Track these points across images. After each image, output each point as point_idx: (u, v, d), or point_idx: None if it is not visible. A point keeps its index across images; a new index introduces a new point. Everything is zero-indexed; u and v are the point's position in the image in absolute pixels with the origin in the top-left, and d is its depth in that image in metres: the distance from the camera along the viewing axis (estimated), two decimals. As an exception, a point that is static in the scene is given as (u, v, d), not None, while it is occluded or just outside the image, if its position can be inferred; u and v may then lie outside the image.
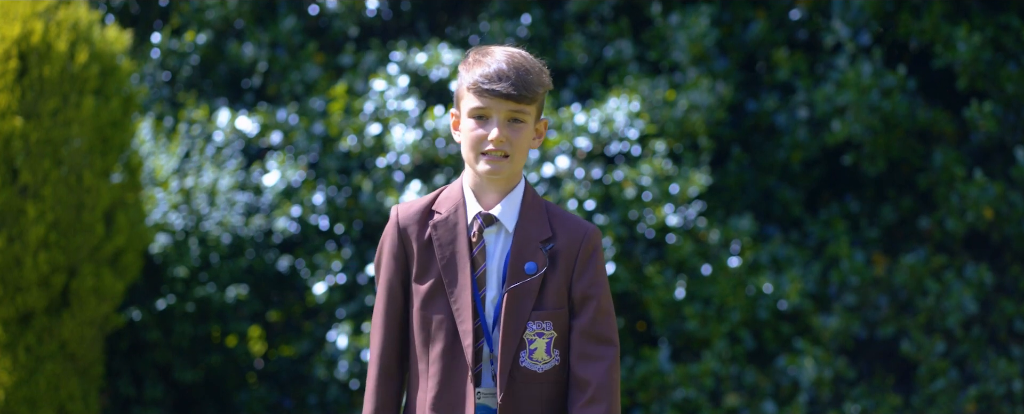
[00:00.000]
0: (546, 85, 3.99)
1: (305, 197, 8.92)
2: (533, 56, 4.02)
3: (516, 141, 3.94)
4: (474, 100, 3.95)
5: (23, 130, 7.76)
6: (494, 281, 3.97)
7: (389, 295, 4.03)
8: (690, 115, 8.76)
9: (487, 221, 3.99)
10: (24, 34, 7.84)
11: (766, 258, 8.73)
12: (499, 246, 3.99)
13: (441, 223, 4.00)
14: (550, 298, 3.96)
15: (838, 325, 8.66)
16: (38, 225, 7.75)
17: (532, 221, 4.00)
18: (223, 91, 9.73)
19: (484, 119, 3.95)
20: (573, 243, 3.99)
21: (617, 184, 8.54)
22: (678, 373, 8.50)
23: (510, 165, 3.96)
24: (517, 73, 3.93)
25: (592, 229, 4.02)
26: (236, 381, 8.93)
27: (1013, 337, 8.87)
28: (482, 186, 4.01)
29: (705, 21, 8.90)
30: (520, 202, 4.01)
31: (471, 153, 3.97)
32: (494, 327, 3.96)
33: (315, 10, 9.67)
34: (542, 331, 3.94)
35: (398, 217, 4.04)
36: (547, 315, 3.95)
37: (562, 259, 3.98)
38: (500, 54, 3.98)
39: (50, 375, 7.88)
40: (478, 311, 3.96)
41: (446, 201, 4.03)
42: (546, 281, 3.96)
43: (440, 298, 3.97)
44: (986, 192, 8.68)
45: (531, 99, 3.95)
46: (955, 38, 8.79)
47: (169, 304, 8.63)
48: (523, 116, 3.96)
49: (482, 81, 3.93)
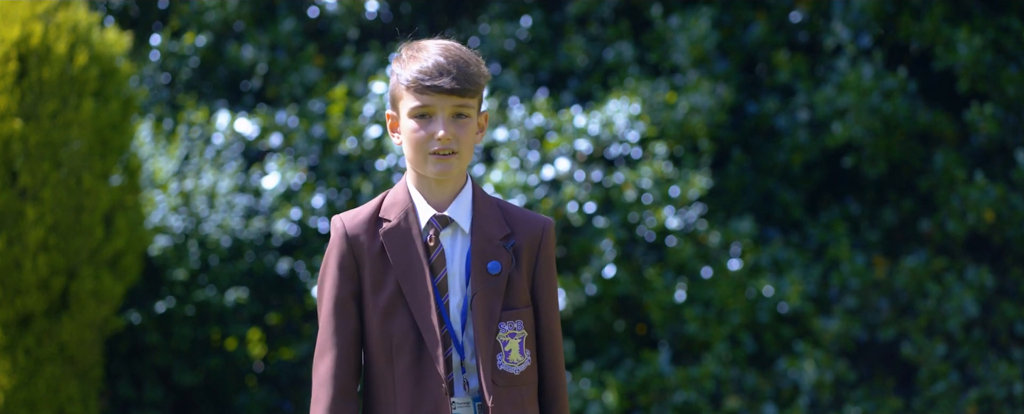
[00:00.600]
0: (486, 75, 3.81)
1: (305, 199, 8.91)
2: (466, 47, 3.84)
3: (463, 137, 3.77)
4: (414, 99, 3.76)
5: (22, 132, 7.75)
6: (457, 285, 3.80)
7: (340, 311, 3.78)
8: (691, 117, 8.75)
9: (442, 223, 3.81)
10: (23, 36, 7.83)
11: (766, 261, 8.72)
12: (458, 248, 3.81)
13: (392, 231, 3.80)
14: (516, 296, 3.81)
15: (839, 328, 8.65)
16: (37, 227, 7.73)
17: (487, 219, 3.83)
18: (223, 93, 9.72)
19: (427, 118, 3.76)
20: (532, 237, 3.84)
21: (617, 187, 8.53)
22: (678, 376, 8.49)
23: (459, 162, 3.78)
24: (457, 66, 3.75)
25: (548, 222, 3.88)
26: (236, 384, 8.92)
27: (1014, 340, 8.86)
28: (430, 188, 3.82)
29: (705, 23, 8.89)
30: (471, 200, 3.84)
31: (417, 154, 3.78)
32: (462, 333, 3.78)
33: (315, 12, 9.66)
34: (514, 331, 3.81)
35: (345, 227, 3.81)
36: (517, 314, 3.81)
37: (524, 255, 3.82)
38: (435, 48, 3.79)
39: (49, 378, 7.87)
40: (443, 317, 3.77)
41: (393, 207, 3.82)
42: (511, 279, 3.81)
43: (400, 310, 3.76)
44: (987, 194, 8.67)
45: (474, 92, 3.77)
46: (956, 40, 8.78)
47: (169, 307, 8.62)
48: (467, 110, 3.78)
49: (422, 78, 3.73)
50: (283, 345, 9.02)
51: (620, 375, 8.53)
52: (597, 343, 8.75)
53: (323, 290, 3.81)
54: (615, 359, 8.74)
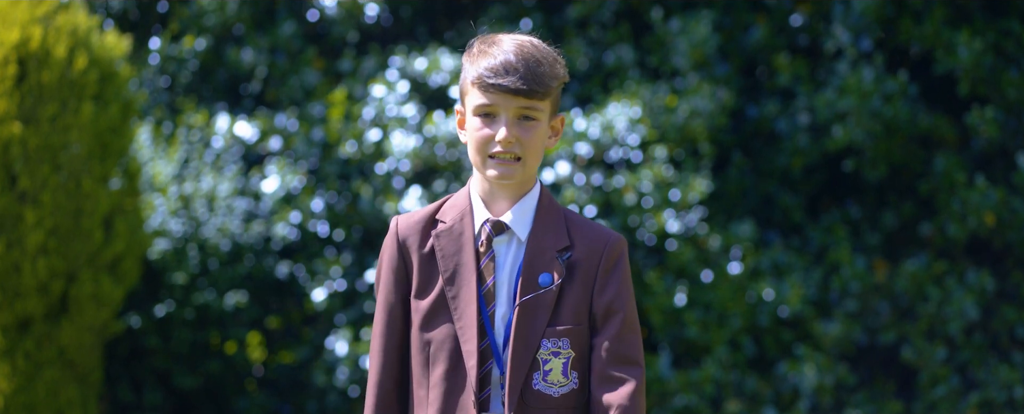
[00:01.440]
0: (561, 77, 3.56)
1: (304, 203, 8.90)
2: (546, 45, 3.60)
3: (528, 141, 3.52)
4: (479, 96, 3.53)
5: (22, 136, 7.75)
6: (504, 296, 3.54)
7: (388, 314, 3.61)
8: (691, 121, 8.74)
9: (497, 229, 3.57)
10: (23, 39, 7.83)
11: (767, 264, 8.71)
12: (510, 257, 3.56)
13: (445, 232, 3.58)
14: (567, 313, 3.52)
15: (839, 331, 8.64)
16: (37, 231, 7.73)
17: (548, 229, 3.57)
18: (222, 96, 9.71)
19: (491, 117, 3.53)
20: (594, 253, 3.56)
21: (617, 191, 8.52)
22: (679, 380, 8.48)
23: (522, 168, 3.54)
24: (527, 65, 3.51)
25: (615, 237, 3.58)
26: (235, 388, 8.91)
27: (1015, 343, 8.85)
28: (491, 192, 3.59)
29: (706, 26, 8.88)
30: (535, 208, 3.59)
31: (478, 156, 3.55)
32: (504, 347, 3.52)
33: (314, 16, 9.65)
34: (558, 350, 3.51)
35: (397, 228, 3.62)
36: (563, 332, 3.51)
37: (581, 270, 3.54)
38: (508, 43, 3.55)
39: (49, 381, 7.86)
40: (486, 329, 3.53)
41: (452, 209, 3.62)
42: (563, 294, 3.53)
43: (442, 315, 3.54)
44: (987, 198, 8.66)
45: (543, 94, 3.52)
46: (956, 43, 8.77)
47: (168, 311, 8.62)
48: (535, 113, 3.53)
49: (487, 75, 3.51)
50: (283, 349, 9.01)
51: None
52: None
53: (378, 293, 3.66)
54: (615, 363, 8.71)
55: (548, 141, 3.57)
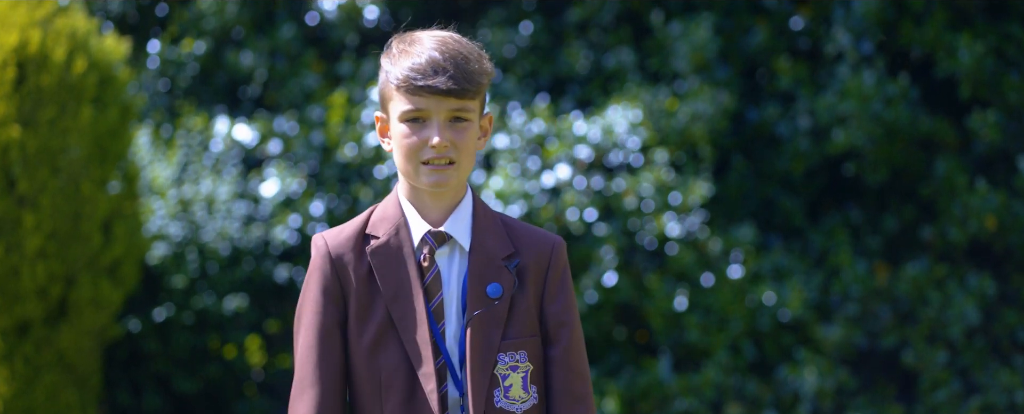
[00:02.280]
0: (489, 72, 3.35)
1: (303, 207, 8.89)
2: (467, 39, 3.39)
3: (461, 144, 3.29)
4: (405, 101, 3.28)
5: (21, 139, 7.73)
6: (454, 311, 3.31)
7: (323, 342, 3.28)
8: (692, 124, 8.73)
9: (439, 240, 3.32)
10: (22, 43, 7.81)
11: (767, 268, 8.70)
12: (455, 269, 3.33)
13: (381, 249, 3.30)
14: (520, 324, 3.31)
15: (840, 335, 8.63)
16: (36, 235, 7.71)
17: (489, 236, 3.34)
18: (222, 99, 9.70)
19: (420, 122, 3.28)
20: (540, 258, 3.35)
21: (617, 195, 8.51)
22: (679, 383, 8.47)
23: (457, 173, 3.30)
24: (455, 63, 3.28)
25: (558, 241, 3.39)
26: (235, 392, 8.90)
27: (1016, 347, 8.84)
28: (424, 200, 3.34)
29: (706, 29, 8.87)
30: (471, 215, 3.36)
31: (408, 163, 3.29)
32: (461, 366, 3.29)
33: (314, 19, 9.63)
34: (516, 364, 3.30)
35: (327, 246, 3.32)
36: (519, 344, 3.31)
37: (530, 277, 3.34)
38: (429, 41, 3.32)
39: (48, 385, 7.85)
40: (440, 348, 3.29)
41: (382, 222, 3.34)
42: (514, 304, 3.32)
43: (391, 340, 3.28)
44: (988, 201, 8.65)
45: (474, 92, 3.30)
46: (957, 47, 8.76)
47: (168, 315, 8.61)
48: (466, 114, 3.30)
49: (414, 76, 3.26)
50: (282, 353, 9.00)
51: (621, 383, 8.51)
52: (598, 351, 8.73)
53: (302, 318, 3.33)
54: (616, 367, 8.71)
55: (478, 142, 3.35)
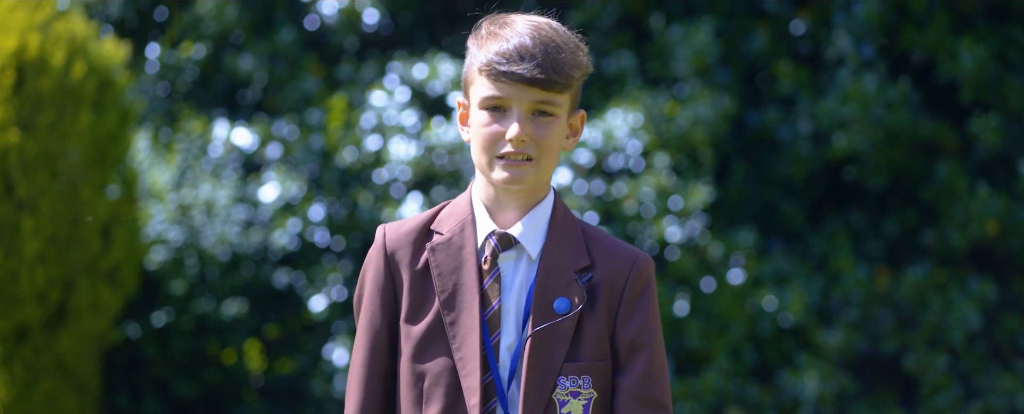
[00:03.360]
0: (584, 67, 3.05)
1: (303, 211, 8.87)
2: (567, 29, 3.09)
3: (543, 140, 3.00)
4: (488, 86, 3.01)
5: (20, 143, 7.72)
6: (511, 323, 3.02)
7: (371, 341, 3.08)
8: (693, 128, 8.71)
9: (504, 243, 3.05)
10: (21, 47, 7.81)
11: (768, 272, 8.68)
12: (519, 277, 3.04)
13: (441, 246, 3.05)
14: (588, 346, 3.00)
15: (841, 340, 8.61)
16: (35, 239, 7.70)
17: (564, 245, 3.05)
18: (221, 103, 9.68)
19: (501, 111, 3.01)
20: (618, 274, 3.03)
21: (617, 200, 8.49)
22: (680, 388, 8.46)
23: (535, 171, 3.01)
24: (545, 50, 2.99)
25: (643, 257, 3.08)
26: (234, 397, 8.88)
27: (1017, 352, 8.83)
28: (498, 199, 3.06)
29: (707, 33, 8.85)
30: (548, 220, 3.07)
31: (484, 155, 3.02)
32: (510, 383, 3.01)
33: (313, 22, 9.62)
34: (578, 390, 2.99)
35: (385, 239, 3.09)
36: (584, 368, 3.00)
37: (603, 295, 3.02)
38: (522, 25, 3.04)
39: (47, 390, 7.84)
40: (489, 362, 3.01)
41: (450, 218, 3.09)
42: (583, 323, 3.00)
43: (438, 344, 3.02)
44: (990, 206, 8.64)
45: (563, 85, 3.01)
46: (958, 50, 8.75)
47: (167, 320, 8.59)
48: (552, 108, 3.01)
49: (498, 60, 2.99)
50: (282, 358, 8.98)
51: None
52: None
53: (357, 311, 3.13)
54: (616, 371, 8.69)
55: (565, 142, 3.07)
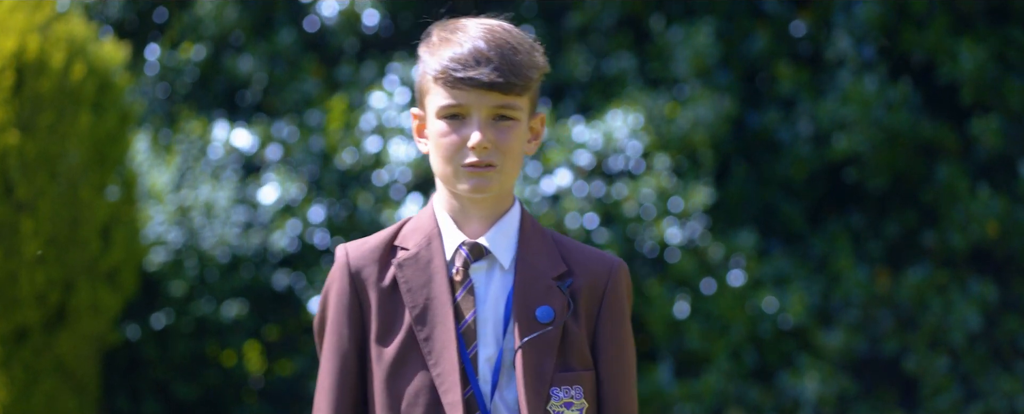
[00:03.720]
0: (541, 67, 2.97)
1: (303, 212, 8.86)
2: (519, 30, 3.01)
3: (506, 145, 2.93)
4: (445, 94, 2.92)
5: (19, 144, 7.72)
6: (489, 334, 2.94)
7: (340, 365, 2.96)
8: (693, 130, 8.71)
9: (475, 253, 2.97)
10: (20, 48, 7.80)
11: (768, 274, 8.67)
12: (493, 287, 2.96)
13: (409, 261, 2.96)
14: (575, 355, 2.93)
15: (841, 341, 8.61)
16: (34, 240, 7.70)
17: (538, 252, 2.98)
18: (221, 104, 9.68)
19: (460, 119, 2.93)
20: (597, 281, 2.98)
21: (617, 202, 8.49)
22: (680, 390, 8.46)
23: (499, 178, 2.94)
24: (501, 53, 2.91)
25: (619, 263, 3.03)
26: (234, 398, 8.88)
27: (1017, 353, 8.82)
28: (463, 210, 2.99)
29: (707, 34, 8.84)
30: (517, 228, 2.99)
31: (446, 166, 2.94)
32: (492, 396, 2.92)
33: (313, 23, 9.61)
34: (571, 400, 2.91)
35: (348, 258, 2.99)
36: (576, 378, 2.93)
37: (582, 302, 2.96)
38: (475, 28, 2.95)
39: (47, 392, 7.84)
40: (469, 376, 2.91)
41: (414, 233, 3.00)
42: (568, 331, 2.94)
43: (413, 362, 2.92)
44: (990, 207, 8.64)
45: (523, 87, 2.93)
46: (959, 51, 8.74)
47: (168, 322, 8.59)
48: (513, 112, 2.94)
49: (454, 67, 2.90)
50: (281, 359, 8.97)
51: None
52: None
53: (320, 336, 3.02)
54: (616, 373, 8.68)
55: (527, 146, 2.99)
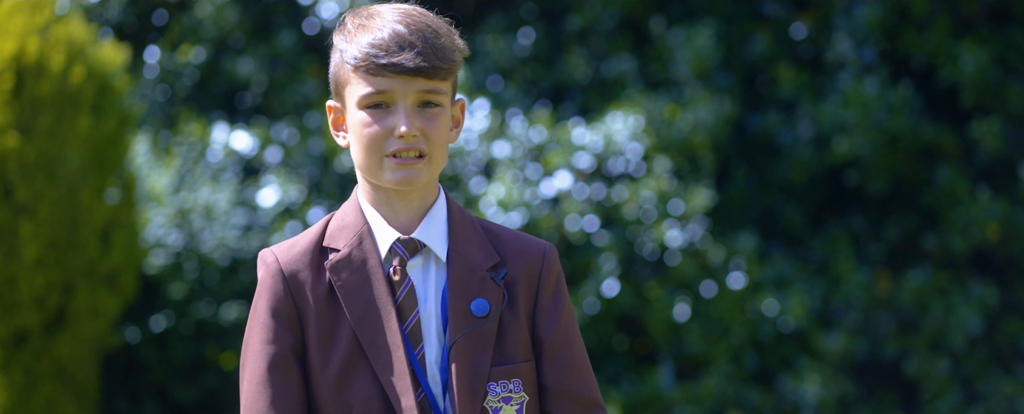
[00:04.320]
0: (462, 50, 2.84)
1: (302, 215, 8.85)
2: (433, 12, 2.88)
3: (433, 133, 2.79)
4: (365, 83, 2.77)
5: (18, 147, 7.71)
6: (433, 333, 2.82)
7: (275, 374, 2.79)
8: (693, 132, 8.70)
9: (411, 250, 2.82)
10: (19, 51, 7.79)
11: (769, 277, 8.66)
12: (431, 283, 2.84)
13: (342, 263, 2.81)
14: (512, 347, 2.83)
15: (841, 344, 8.60)
16: (33, 243, 7.69)
17: (468, 243, 2.86)
18: (220, 106, 9.67)
19: (383, 108, 2.78)
20: (531, 268, 2.87)
21: (617, 205, 8.48)
22: (680, 393, 8.45)
23: (428, 168, 2.80)
24: (423, 37, 2.78)
25: (549, 247, 2.91)
26: (233, 401, 8.87)
27: (1018, 356, 8.81)
28: (390, 203, 2.84)
29: (707, 37, 8.83)
30: (446, 219, 2.86)
31: (370, 158, 2.79)
32: (445, 396, 2.80)
33: (312, 25, 9.60)
34: (509, 394, 2.82)
35: (279, 263, 2.82)
36: (512, 371, 2.82)
37: (520, 291, 2.85)
38: (391, 13, 2.81)
39: (46, 395, 7.83)
40: (419, 378, 2.80)
41: (342, 232, 2.84)
42: (503, 323, 2.83)
43: (360, 370, 2.79)
44: (991, 210, 8.64)
45: (447, 71, 2.80)
46: (960, 54, 8.73)
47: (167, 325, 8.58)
48: (438, 98, 2.80)
49: (375, 53, 2.76)
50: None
51: (621, 392, 8.48)
52: (598, 360, 8.70)
53: (249, 348, 2.82)
54: (616, 376, 8.68)
55: (451, 134, 2.86)
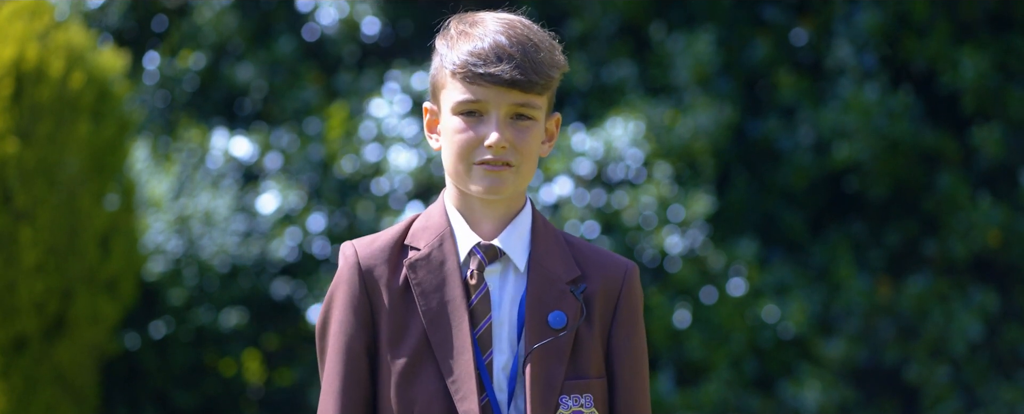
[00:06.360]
0: (562, 66, 2.87)
1: (302, 221, 8.84)
2: (539, 26, 2.90)
3: (523, 145, 2.83)
4: (462, 90, 2.82)
5: (18, 153, 7.70)
6: (504, 340, 2.83)
7: (350, 367, 2.83)
8: (694, 138, 8.69)
9: (490, 255, 2.85)
10: (19, 56, 7.79)
11: (769, 283, 8.65)
12: (508, 291, 2.85)
13: (421, 262, 2.85)
14: (587, 361, 2.83)
15: (842, 350, 8.59)
16: (33, 249, 7.68)
17: (551, 255, 2.87)
18: (220, 112, 9.66)
19: (477, 116, 2.82)
20: (611, 285, 2.87)
21: (617, 212, 8.47)
22: (681, 399, 8.44)
23: (515, 179, 2.83)
24: (523, 50, 2.81)
25: (631, 266, 2.91)
26: (233, 407, 8.86)
27: (1019, 363, 8.81)
28: (475, 210, 2.88)
29: (708, 43, 8.82)
30: (529, 230, 2.89)
31: (459, 164, 2.84)
32: (509, 405, 2.82)
33: (312, 31, 9.60)
34: (581, 409, 2.81)
35: (358, 256, 2.86)
36: (586, 386, 2.82)
37: (597, 307, 2.85)
38: (494, 23, 2.84)
39: (46, 401, 7.82)
40: (484, 383, 2.81)
41: (424, 232, 2.89)
42: (580, 337, 2.83)
43: (426, 370, 2.81)
44: (991, 216, 8.63)
45: (543, 86, 2.83)
46: (960, 60, 8.73)
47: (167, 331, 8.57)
48: (531, 111, 2.83)
49: (474, 62, 2.80)
50: (281, 368, 8.95)
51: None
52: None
53: (327, 337, 2.87)
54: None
55: (542, 147, 2.89)
